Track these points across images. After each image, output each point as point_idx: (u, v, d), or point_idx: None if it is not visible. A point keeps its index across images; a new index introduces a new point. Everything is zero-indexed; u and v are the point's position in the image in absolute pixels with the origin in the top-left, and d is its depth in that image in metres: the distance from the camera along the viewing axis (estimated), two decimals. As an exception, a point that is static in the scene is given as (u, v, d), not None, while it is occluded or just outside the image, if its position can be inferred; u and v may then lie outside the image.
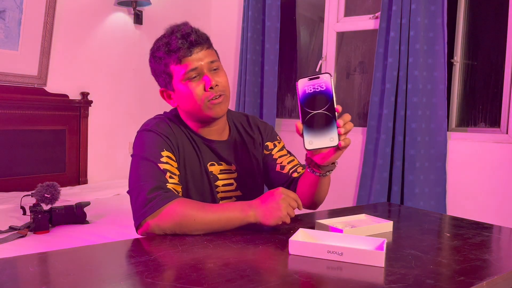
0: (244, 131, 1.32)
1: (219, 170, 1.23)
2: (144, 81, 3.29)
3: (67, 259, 0.86)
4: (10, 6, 2.57)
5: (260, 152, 1.33)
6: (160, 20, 3.35)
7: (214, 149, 1.23)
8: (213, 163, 1.23)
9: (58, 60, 2.84)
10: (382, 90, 2.78)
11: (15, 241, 1.66)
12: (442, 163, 2.61)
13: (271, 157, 1.33)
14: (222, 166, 1.24)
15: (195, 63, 1.14)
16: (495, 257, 0.94)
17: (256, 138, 1.33)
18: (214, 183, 1.22)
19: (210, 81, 1.14)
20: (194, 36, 1.13)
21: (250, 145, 1.31)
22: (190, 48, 1.13)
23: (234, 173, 1.25)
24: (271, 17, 3.25)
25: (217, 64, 1.17)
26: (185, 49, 1.12)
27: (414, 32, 2.61)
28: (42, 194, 1.85)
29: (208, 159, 1.22)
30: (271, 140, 1.35)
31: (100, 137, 3.05)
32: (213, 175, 1.22)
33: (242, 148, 1.29)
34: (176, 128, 1.20)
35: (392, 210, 1.49)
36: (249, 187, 1.28)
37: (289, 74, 3.54)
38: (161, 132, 1.15)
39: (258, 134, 1.34)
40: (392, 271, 0.80)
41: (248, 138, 1.32)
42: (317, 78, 0.95)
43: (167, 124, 1.19)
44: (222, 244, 0.96)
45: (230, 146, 1.27)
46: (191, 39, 1.12)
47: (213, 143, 1.23)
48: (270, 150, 1.34)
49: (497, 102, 2.58)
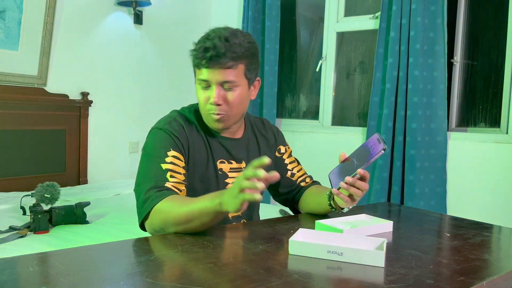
0: (258, 131, 1.35)
1: (229, 168, 1.24)
2: (144, 81, 3.29)
3: (67, 259, 0.86)
4: (10, 6, 2.57)
5: (273, 153, 1.36)
6: (160, 20, 3.35)
7: (225, 147, 1.25)
8: (223, 161, 1.24)
9: (58, 60, 2.84)
10: (382, 90, 2.78)
11: (15, 241, 1.66)
12: (442, 163, 2.61)
13: (283, 161, 1.37)
14: (232, 164, 1.25)
15: (208, 76, 1.14)
16: (495, 257, 0.95)
17: (270, 139, 1.36)
18: (223, 180, 1.23)
19: (213, 97, 1.14)
20: (214, 53, 1.10)
21: (263, 145, 1.34)
22: (209, 62, 1.12)
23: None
24: (271, 17, 3.25)
25: (232, 85, 1.14)
26: (203, 60, 1.12)
27: (414, 32, 2.60)
28: (42, 194, 1.85)
29: (219, 156, 1.23)
30: (283, 144, 1.40)
31: (100, 137, 3.05)
32: (223, 173, 1.23)
33: (255, 148, 1.31)
34: (189, 126, 1.21)
35: (392, 210, 1.49)
36: None
37: (289, 74, 3.54)
38: (172, 131, 1.17)
39: (272, 135, 1.37)
40: (392, 271, 0.80)
41: (262, 138, 1.34)
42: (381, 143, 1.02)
43: (179, 123, 1.20)
44: (222, 244, 0.96)
45: (243, 144, 1.28)
46: (210, 54, 1.11)
47: (225, 141, 1.25)
48: (282, 154, 1.38)
49: (497, 102, 2.58)
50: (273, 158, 1.35)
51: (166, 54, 3.41)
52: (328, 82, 3.21)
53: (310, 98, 3.43)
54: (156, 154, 1.13)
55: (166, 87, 3.42)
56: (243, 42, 1.14)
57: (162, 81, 3.40)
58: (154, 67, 3.34)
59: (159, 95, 3.37)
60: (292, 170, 1.37)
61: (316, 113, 3.32)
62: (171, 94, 3.44)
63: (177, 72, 3.47)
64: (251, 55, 1.16)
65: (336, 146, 2.99)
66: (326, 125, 3.22)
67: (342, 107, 3.27)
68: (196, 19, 3.60)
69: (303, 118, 3.44)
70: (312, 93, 3.40)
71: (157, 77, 3.37)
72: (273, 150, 1.36)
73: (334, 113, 3.23)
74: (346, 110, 3.26)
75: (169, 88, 3.44)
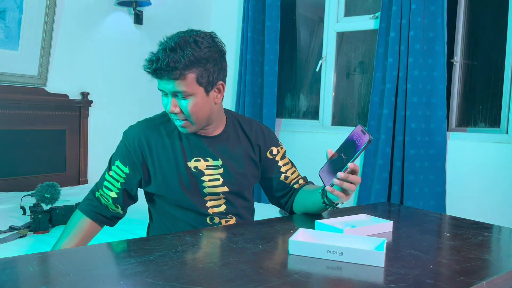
0: (241, 129, 1.33)
1: (205, 166, 1.24)
2: (144, 81, 3.29)
3: (67, 259, 0.86)
4: (10, 6, 2.57)
5: (257, 153, 1.34)
6: (160, 20, 3.35)
7: (201, 145, 1.24)
8: (198, 159, 1.24)
9: (58, 60, 2.84)
10: (382, 90, 2.78)
11: (15, 241, 1.66)
12: (441, 163, 2.61)
13: (276, 163, 1.35)
14: (208, 162, 1.24)
15: (161, 86, 1.17)
16: (495, 257, 0.95)
17: (254, 140, 1.33)
18: (200, 178, 1.22)
19: (170, 105, 1.17)
20: (157, 66, 1.11)
21: (245, 143, 1.32)
22: (156, 74, 1.13)
23: (220, 169, 1.25)
24: (271, 17, 3.25)
25: (185, 94, 1.14)
26: (149, 72, 1.14)
27: (414, 32, 2.61)
28: (42, 194, 1.85)
29: (194, 154, 1.23)
30: (275, 145, 1.38)
31: (100, 137, 3.05)
32: (198, 170, 1.22)
33: (234, 145, 1.30)
34: (154, 130, 1.24)
35: (392, 210, 1.49)
36: (237, 183, 1.27)
37: (289, 74, 3.54)
38: (126, 141, 1.25)
39: (261, 136, 1.35)
40: (392, 271, 0.80)
41: (243, 137, 1.32)
42: (365, 134, 1.02)
43: (136, 131, 1.24)
44: (222, 244, 0.96)
45: (220, 141, 1.27)
46: (154, 66, 1.12)
47: (201, 139, 1.25)
48: (275, 156, 1.36)
49: (497, 102, 2.58)
50: (263, 157, 1.34)
51: (166, 54, 3.40)
52: (328, 82, 3.21)
53: (310, 98, 3.43)
54: (109, 162, 1.27)
55: (166, 87, 3.41)
56: (195, 49, 1.12)
57: (162, 81, 3.39)
58: (154, 67, 3.33)
59: (159, 95, 3.36)
60: (285, 173, 1.35)
61: (316, 113, 3.32)
62: (171, 94, 3.43)
63: (177, 72, 3.47)
64: (204, 62, 1.13)
65: (336, 146, 2.98)
66: (326, 125, 3.22)
67: (342, 107, 3.27)
68: (196, 19, 3.60)
69: (303, 118, 3.44)
70: (312, 93, 3.40)
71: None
72: (263, 150, 1.34)
73: (334, 113, 3.23)
74: (346, 110, 3.26)
75: (169, 88, 3.43)
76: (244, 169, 1.29)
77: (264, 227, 1.12)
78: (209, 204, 1.24)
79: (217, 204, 1.25)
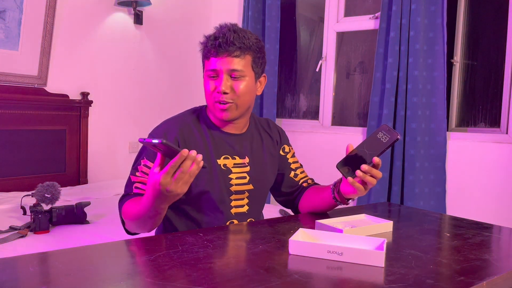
0: (262, 129, 1.37)
1: (232, 164, 1.26)
2: (144, 81, 3.29)
3: (67, 259, 0.86)
4: (10, 6, 2.57)
5: (277, 151, 1.38)
6: (160, 20, 3.35)
7: (229, 142, 1.26)
8: (227, 157, 1.26)
9: (58, 60, 2.84)
10: (382, 90, 2.78)
11: (15, 241, 1.66)
12: (442, 163, 2.61)
13: (286, 160, 1.40)
14: (236, 160, 1.27)
15: (216, 65, 1.19)
16: (495, 257, 0.95)
17: (274, 136, 1.38)
18: (227, 176, 1.24)
19: (219, 86, 1.19)
20: (223, 40, 1.17)
21: (267, 141, 1.36)
22: (218, 50, 1.18)
23: (247, 167, 1.28)
24: (271, 17, 3.25)
25: (240, 74, 1.19)
26: (213, 49, 1.19)
27: (414, 32, 2.61)
28: (42, 194, 1.85)
29: (223, 152, 1.25)
30: (288, 144, 1.43)
31: (100, 137, 3.05)
32: (226, 168, 1.25)
33: (258, 143, 1.33)
34: (187, 127, 1.24)
35: (392, 210, 1.49)
36: (261, 181, 1.31)
37: (289, 74, 3.54)
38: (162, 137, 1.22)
39: (277, 133, 1.40)
40: (392, 271, 0.80)
41: (265, 135, 1.37)
42: (394, 132, 1.06)
43: (173, 127, 1.22)
44: (222, 244, 0.96)
45: (246, 140, 1.30)
46: (219, 42, 1.17)
47: (229, 136, 1.27)
48: (286, 153, 1.40)
49: (497, 102, 2.58)
50: (277, 155, 1.38)
51: (166, 54, 3.41)
52: (328, 82, 3.21)
53: (310, 98, 3.43)
54: (134, 165, 1.22)
55: (166, 87, 3.42)
56: (250, 36, 1.21)
57: (162, 81, 3.40)
58: (154, 67, 3.34)
59: (159, 95, 3.37)
60: (295, 170, 1.39)
61: (316, 113, 3.32)
62: (171, 94, 3.44)
63: (177, 72, 3.47)
64: (257, 49, 1.22)
65: (336, 146, 2.99)
66: (326, 125, 3.22)
67: (342, 107, 3.27)
68: (196, 19, 3.60)
69: (303, 118, 3.44)
70: (312, 93, 3.40)
71: (157, 77, 3.37)
72: (278, 147, 1.39)
73: (334, 113, 3.23)
74: (346, 110, 3.26)
75: (169, 88, 3.44)
76: (268, 167, 1.33)
77: (264, 227, 1.13)
78: (233, 204, 1.26)
79: (240, 204, 1.27)
